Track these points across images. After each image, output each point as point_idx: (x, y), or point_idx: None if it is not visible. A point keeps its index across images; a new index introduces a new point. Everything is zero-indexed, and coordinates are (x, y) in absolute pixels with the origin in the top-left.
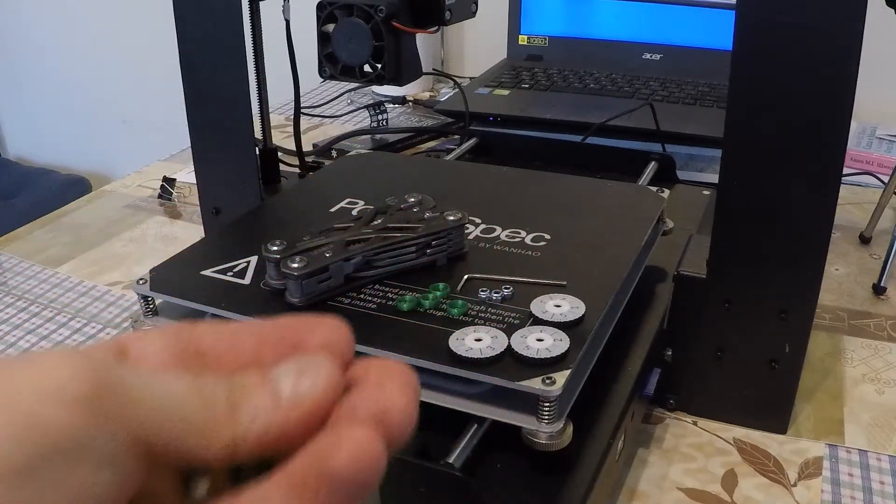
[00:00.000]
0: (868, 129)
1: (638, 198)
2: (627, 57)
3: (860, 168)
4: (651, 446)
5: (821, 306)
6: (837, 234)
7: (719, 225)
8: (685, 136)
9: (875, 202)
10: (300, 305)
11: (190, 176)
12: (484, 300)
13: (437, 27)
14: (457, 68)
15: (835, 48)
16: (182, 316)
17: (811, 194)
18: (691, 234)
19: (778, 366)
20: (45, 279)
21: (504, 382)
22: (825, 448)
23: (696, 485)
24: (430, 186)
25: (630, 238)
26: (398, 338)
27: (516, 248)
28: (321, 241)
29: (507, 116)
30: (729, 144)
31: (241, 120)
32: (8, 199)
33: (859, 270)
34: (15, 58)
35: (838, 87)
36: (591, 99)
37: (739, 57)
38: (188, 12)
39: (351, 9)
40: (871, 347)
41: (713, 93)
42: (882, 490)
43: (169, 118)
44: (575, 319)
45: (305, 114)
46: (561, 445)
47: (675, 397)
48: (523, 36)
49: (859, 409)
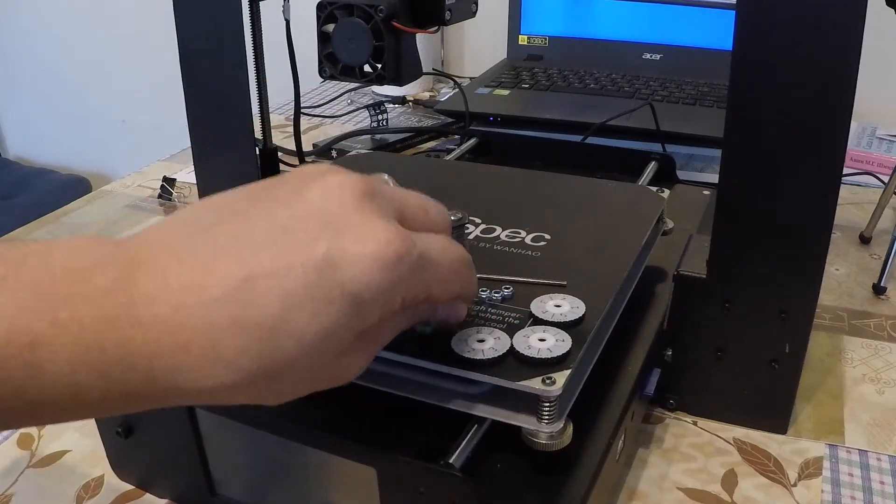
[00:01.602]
0: (868, 129)
1: (638, 198)
2: (627, 57)
3: (860, 168)
4: (651, 446)
5: (821, 306)
6: (837, 234)
7: (719, 225)
8: (685, 136)
9: (875, 202)
10: None
11: (190, 176)
12: (484, 300)
13: (437, 27)
14: (457, 68)
15: (835, 48)
16: None
17: (811, 194)
18: (691, 234)
19: (778, 366)
20: None
21: (504, 382)
22: (825, 448)
23: (696, 485)
24: (430, 186)
25: (630, 238)
26: (399, 338)
27: (516, 248)
28: None
29: (507, 116)
30: (729, 144)
31: (241, 120)
32: (8, 199)
33: (859, 270)
34: (15, 58)
35: (838, 87)
36: (591, 99)
37: (739, 57)
38: (188, 12)
39: (351, 9)
40: (871, 347)
41: (713, 93)
42: (882, 490)
43: (169, 118)
44: (575, 319)
45: (305, 114)
46: (561, 445)
47: (675, 397)
48: (523, 36)
49: (859, 409)
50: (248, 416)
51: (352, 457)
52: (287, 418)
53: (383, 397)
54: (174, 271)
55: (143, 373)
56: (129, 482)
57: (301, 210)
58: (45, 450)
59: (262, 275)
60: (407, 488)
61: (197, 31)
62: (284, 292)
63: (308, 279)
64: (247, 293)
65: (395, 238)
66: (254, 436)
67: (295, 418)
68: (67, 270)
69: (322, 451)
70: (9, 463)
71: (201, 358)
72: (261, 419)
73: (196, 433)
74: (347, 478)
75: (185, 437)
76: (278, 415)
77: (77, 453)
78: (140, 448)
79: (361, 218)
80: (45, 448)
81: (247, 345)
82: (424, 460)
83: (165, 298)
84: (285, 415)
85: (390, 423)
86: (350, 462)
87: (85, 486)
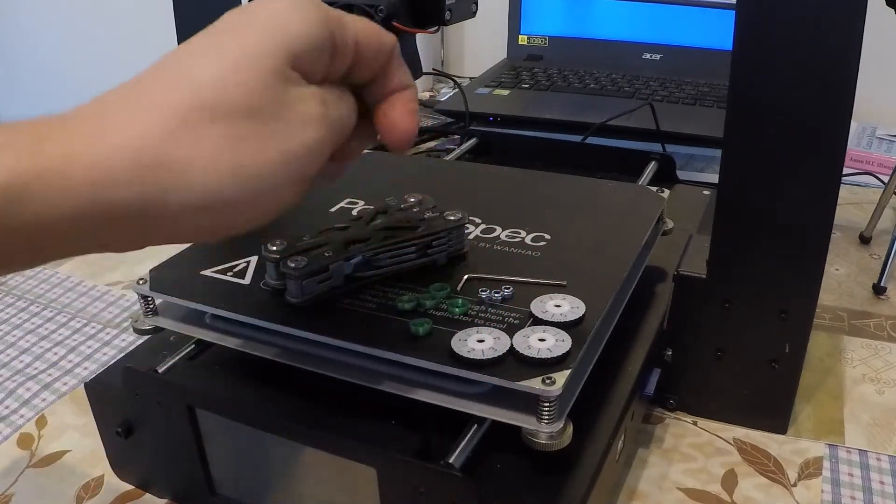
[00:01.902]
0: (868, 129)
1: (638, 198)
2: (627, 57)
3: (860, 168)
4: (651, 446)
5: (821, 306)
6: (837, 234)
7: (719, 225)
8: (685, 136)
9: (875, 202)
10: (300, 305)
11: None
12: (484, 300)
13: (437, 27)
14: (457, 68)
15: (835, 48)
16: (182, 316)
17: (811, 194)
18: (691, 234)
19: (778, 366)
20: (45, 279)
21: (504, 383)
22: (825, 448)
23: (696, 485)
24: (430, 186)
25: (630, 238)
26: (399, 338)
27: (516, 248)
28: (321, 241)
29: (507, 116)
30: (729, 144)
31: None
32: None
33: (859, 270)
34: (15, 58)
35: (838, 87)
36: (591, 99)
37: (739, 57)
38: (188, 12)
39: (351, 9)
40: (871, 347)
41: (713, 93)
42: (882, 490)
43: None
44: (575, 319)
45: None
46: (561, 445)
47: (675, 397)
48: (523, 36)
49: (859, 409)
50: (248, 416)
51: (352, 457)
52: (287, 418)
53: (383, 397)
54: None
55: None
56: (129, 482)
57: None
58: (45, 450)
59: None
60: (407, 488)
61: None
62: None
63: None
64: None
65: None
66: (254, 436)
67: (295, 418)
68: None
69: (322, 451)
70: (9, 463)
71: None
72: (261, 419)
73: (196, 433)
74: (347, 478)
75: (185, 437)
76: (278, 415)
77: (77, 453)
78: (140, 448)
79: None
80: (45, 448)
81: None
82: (424, 460)
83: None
84: (285, 415)
85: (390, 423)
86: (350, 462)
87: (85, 486)
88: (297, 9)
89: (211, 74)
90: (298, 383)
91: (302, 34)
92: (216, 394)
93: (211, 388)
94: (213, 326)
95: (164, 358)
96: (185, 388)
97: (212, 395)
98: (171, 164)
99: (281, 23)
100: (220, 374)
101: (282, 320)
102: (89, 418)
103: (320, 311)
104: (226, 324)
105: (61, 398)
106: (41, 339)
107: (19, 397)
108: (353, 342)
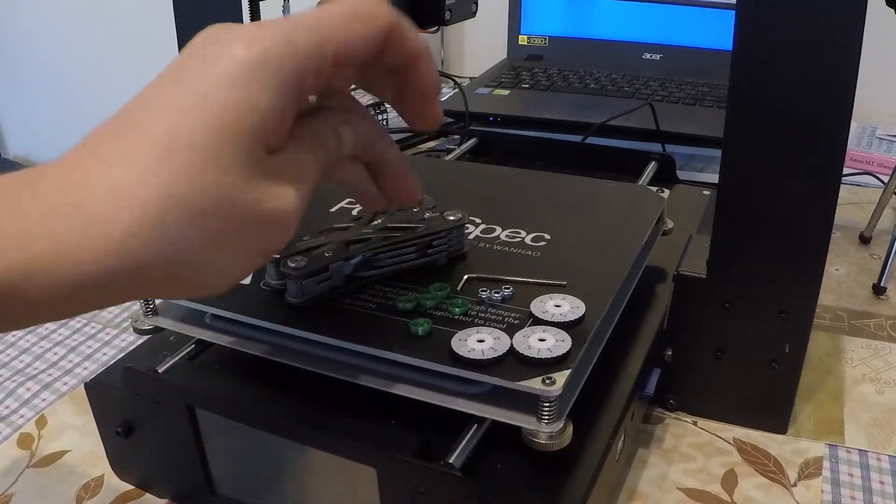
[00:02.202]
0: (868, 129)
1: (638, 198)
2: (627, 57)
3: (860, 168)
4: (651, 446)
5: (821, 306)
6: (837, 234)
7: (719, 225)
8: (685, 136)
9: (875, 202)
10: (300, 305)
11: None
12: (484, 300)
13: (437, 27)
14: (457, 68)
15: (835, 48)
16: (182, 316)
17: (811, 194)
18: (691, 234)
19: (778, 366)
20: None
21: (504, 383)
22: (825, 448)
23: (696, 485)
24: (430, 186)
25: (630, 238)
26: (399, 338)
27: (516, 248)
28: (321, 240)
29: (507, 116)
30: (729, 144)
31: None
32: None
33: (859, 270)
34: (15, 58)
35: (838, 87)
36: (591, 99)
37: (739, 57)
38: (188, 12)
39: None
40: (871, 347)
41: (713, 93)
42: (882, 490)
43: None
44: (575, 319)
45: None
46: (561, 445)
47: (675, 397)
48: (523, 36)
49: (859, 409)
50: (248, 416)
51: (352, 456)
52: (287, 418)
53: (383, 397)
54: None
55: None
56: (129, 482)
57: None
58: (45, 450)
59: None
60: (407, 488)
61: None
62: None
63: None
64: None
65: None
66: (254, 436)
67: (295, 418)
68: None
69: (322, 451)
70: (9, 463)
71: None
72: (261, 419)
73: (196, 433)
74: (347, 478)
75: (185, 437)
76: (278, 415)
77: (77, 453)
78: (140, 448)
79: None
80: (45, 448)
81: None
82: (424, 460)
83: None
84: (285, 415)
85: (390, 423)
86: (350, 462)
87: (85, 486)
88: (242, 85)
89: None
90: (298, 383)
91: (250, 117)
92: (216, 394)
93: (211, 388)
94: (213, 326)
95: (164, 358)
96: (185, 388)
97: (212, 395)
98: (156, 264)
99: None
100: (220, 374)
101: (282, 320)
102: (89, 418)
103: (320, 311)
104: (226, 324)
105: (61, 398)
106: (41, 339)
107: (19, 397)
108: (353, 342)
